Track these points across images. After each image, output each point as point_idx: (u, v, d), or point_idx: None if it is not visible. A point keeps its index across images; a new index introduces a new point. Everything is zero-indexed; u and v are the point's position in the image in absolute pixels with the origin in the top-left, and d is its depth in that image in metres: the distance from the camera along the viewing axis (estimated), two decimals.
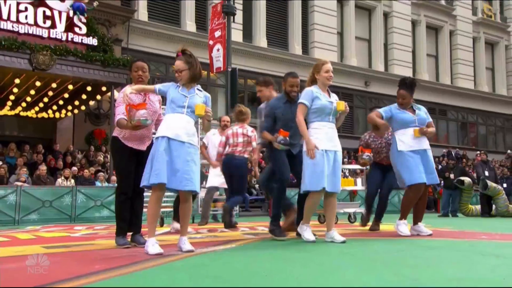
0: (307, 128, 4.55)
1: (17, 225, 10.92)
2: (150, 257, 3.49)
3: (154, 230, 3.88)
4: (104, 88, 14.66)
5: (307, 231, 4.48)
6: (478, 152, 29.36)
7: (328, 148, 4.42)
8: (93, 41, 13.71)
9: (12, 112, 15.79)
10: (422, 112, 5.71)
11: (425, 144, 5.53)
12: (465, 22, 30.78)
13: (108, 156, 15.70)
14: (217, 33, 16.52)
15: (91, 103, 15.98)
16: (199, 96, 4.07)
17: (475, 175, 15.79)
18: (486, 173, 13.36)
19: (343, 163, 17.35)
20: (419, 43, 29.01)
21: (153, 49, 20.06)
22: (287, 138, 4.62)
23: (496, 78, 32.80)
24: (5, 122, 17.39)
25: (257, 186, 17.46)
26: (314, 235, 4.52)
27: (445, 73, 30.00)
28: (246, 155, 6.78)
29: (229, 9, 15.78)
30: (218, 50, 16.39)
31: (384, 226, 6.74)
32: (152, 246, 3.69)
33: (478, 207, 13.60)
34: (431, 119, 5.84)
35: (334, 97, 4.81)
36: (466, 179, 13.10)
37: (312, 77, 4.79)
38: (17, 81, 13.21)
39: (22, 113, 16.10)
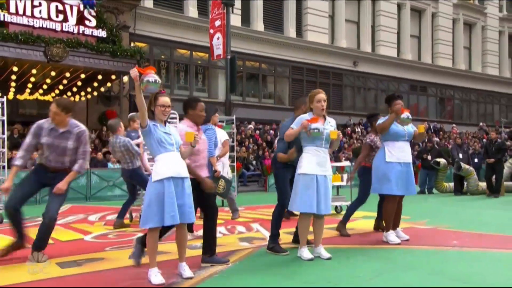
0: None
1: (39, 204, 10.97)
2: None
3: (155, 261, 3.74)
4: (113, 77, 14.50)
5: (305, 251, 4.39)
6: (454, 125, 29.54)
7: (318, 173, 4.31)
8: (102, 33, 13.50)
9: (32, 97, 15.59)
10: (410, 126, 5.61)
11: (409, 157, 5.44)
12: (446, 5, 30.13)
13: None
14: (217, 23, 16.18)
15: (102, 89, 15.78)
16: (172, 129, 3.89)
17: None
18: (460, 156, 13.36)
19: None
20: (403, 25, 28.43)
21: (158, 34, 19.68)
22: (319, 126, 4.35)
23: (472, 56, 32.39)
24: (26, 105, 17.23)
25: (254, 162, 17.49)
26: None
27: (427, 52, 29.58)
28: None
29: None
30: (218, 38, 16.10)
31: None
32: (155, 276, 3.61)
33: (452, 184, 13.70)
34: (415, 128, 5.75)
35: (329, 122, 4.61)
36: (442, 161, 13.13)
37: (309, 105, 4.63)
38: (34, 71, 13.04)
39: (40, 97, 15.89)
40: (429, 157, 13.66)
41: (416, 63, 28.79)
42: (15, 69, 12.69)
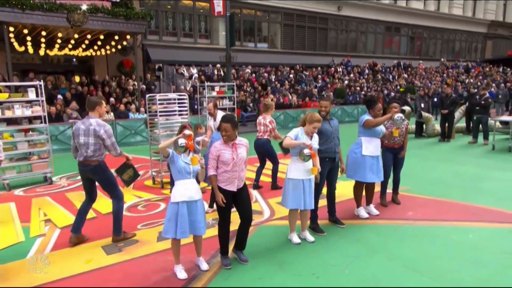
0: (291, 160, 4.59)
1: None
2: (182, 282, 3.83)
3: (178, 259, 3.99)
4: (128, 36, 13.99)
5: (295, 236, 4.70)
6: (421, 61, 29.08)
7: (304, 178, 4.49)
8: None
9: (62, 52, 15.03)
10: (382, 126, 5.57)
11: (379, 151, 5.54)
12: None
13: (136, 84, 15.47)
14: None
15: (119, 47, 15.28)
16: (192, 158, 3.89)
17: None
18: (422, 105, 13.47)
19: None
20: None
21: None
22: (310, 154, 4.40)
23: None
24: (55, 60, 16.74)
25: (251, 104, 17.48)
26: (300, 238, 4.77)
27: None
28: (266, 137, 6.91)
29: None
30: None
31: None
32: (180, 272, 3.92)
33: (414, 127, 13.94)
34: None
35: (315, 138, 4.65)
36: (407, 108, 13.12)
37: (304, 122, 4.62)
38: (59, 34, 12.54)
39: (68, 52, 15.36)
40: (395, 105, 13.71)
41: (392, 6, 27.60)
42: (43, 33, 12.21)
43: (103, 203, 6.09)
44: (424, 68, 27.73)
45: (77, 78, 15.55)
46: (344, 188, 6.20)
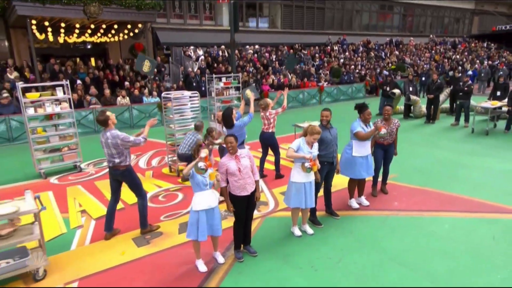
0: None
1: (97, 133, 11.43)
2: (203, 275, 4.24)
3: (199, 254, 4.37)
4: (140, 25, 13.89)
5: (296, 230, 5.09)
6: (411, 38, 28.63)
7: (306, 181, 4.79)
8: None
9: (80, 39, 14.93)
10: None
11: (368, 151, 5.79)
12: None
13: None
14: None
15: (131, 34, 15.15)
16: (211, 174, 4.18)
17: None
18: (411, 89, 13.59)
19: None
20: None
21: None
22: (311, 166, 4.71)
23: None
24: (72, 44, 16.61)
25: (254, 84, 17.42)
26: (301, 230, 5.16)
27: None
28: (271, 130, 7.17)
29: None
30: None
31: None
32: (201, 265, 4.32)
33: (402, 107, 14.17)
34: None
35: (315, 146, 4.90)
36: (397, 91, 13.38)
37: (305, 134, 4.85)
38: (77, 25, 12.48)
39: (86, 39, 15.23)
40: (387, 88, 13.86)
41: None
42: (62, 24, 12.16)
43: (130, 195, 6.31)
44: (414, 44, 27.38)
45: (93, 62, 15.56)
46: (338, 179, 6.38)
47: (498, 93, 11.81)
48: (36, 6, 10.83)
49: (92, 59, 16.23)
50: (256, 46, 20.87)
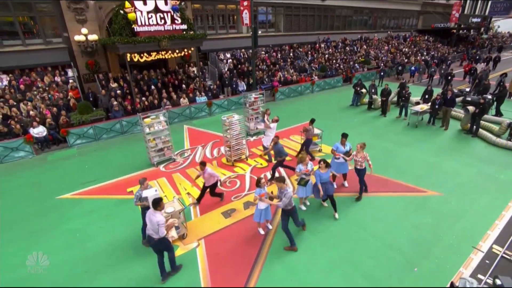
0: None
1: (172, 125, 12.18)
2: (262, 236, 5.81)
3: (259, 225, 5.85)
4: (192, 48, 14.45)
5: (302, 206, 6.47)
6: (376, 34, 28.14)
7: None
8: (183, 26, 13.05)
9: (157, 57, 15.13)
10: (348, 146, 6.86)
11: (343, 160, 6.70)
12: None
13: (195, 70, 16.16)
14: (245, 3, 15.04)
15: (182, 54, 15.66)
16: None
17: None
18: (373, 91, 14.14)
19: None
20: None
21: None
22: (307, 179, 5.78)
23: None
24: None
25: (266, 79, 17.77)
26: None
27: None
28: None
29: None
30: (245, 13, 15.22)
31: None
32: (261, 230, 5.83)
33: (367, 100, 14.92)
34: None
35: (310, 164, 6.04)
36: (363, 90, 14.37)
37: (299, 160, 5.96)
38: (153, 55, 13.12)
39: (159, 57, 15.61)
40: (357, 88, 14.64)
41: None
42: (145, 54, 12.87)
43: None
44: (377, 39, 27.10)
45: (159, 70, 16.25)
46: None
47: (427, 96, 12.84)
48: (129, 45, 11.68)
49: (158, 69, 16.72)
50: (265, 48, 21.01)
